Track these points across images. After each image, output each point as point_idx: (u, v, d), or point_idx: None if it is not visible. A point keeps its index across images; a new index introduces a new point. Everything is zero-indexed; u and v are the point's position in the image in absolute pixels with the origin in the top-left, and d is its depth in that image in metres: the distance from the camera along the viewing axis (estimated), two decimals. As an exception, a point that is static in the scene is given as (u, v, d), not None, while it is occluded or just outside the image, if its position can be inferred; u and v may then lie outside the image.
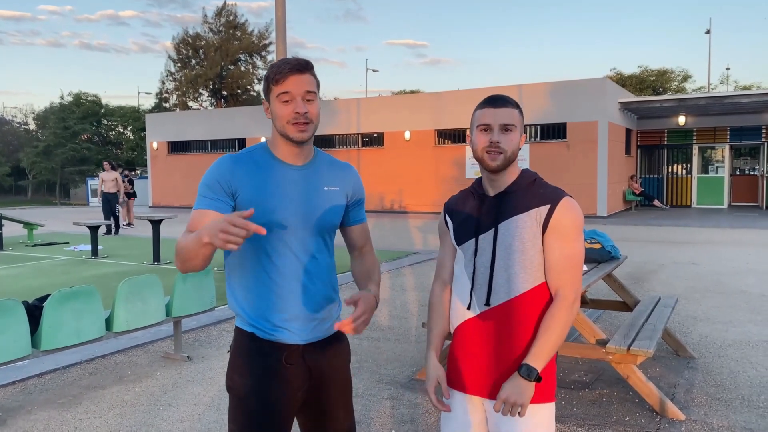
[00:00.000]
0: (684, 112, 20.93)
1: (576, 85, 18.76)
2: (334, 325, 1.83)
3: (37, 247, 12.78)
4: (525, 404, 1.80)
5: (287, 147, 1.87)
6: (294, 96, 1.80)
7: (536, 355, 1.81)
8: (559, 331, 1.83)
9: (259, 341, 1.86)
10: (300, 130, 1.81)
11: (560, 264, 1.86)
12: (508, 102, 1.92)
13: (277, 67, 1.81)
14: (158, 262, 10.28)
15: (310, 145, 1.92)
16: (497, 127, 1.89)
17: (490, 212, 1.92)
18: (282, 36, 6.51)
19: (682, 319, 6.11)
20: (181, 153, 26.56)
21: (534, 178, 1.96)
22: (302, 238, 1.87)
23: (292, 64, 1.81)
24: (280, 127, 1.84)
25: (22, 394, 4.30)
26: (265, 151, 1.89)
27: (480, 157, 1.92)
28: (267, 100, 1.86)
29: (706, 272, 8.85)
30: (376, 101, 23.27)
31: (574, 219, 1.88)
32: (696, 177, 22.03)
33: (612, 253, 4.96)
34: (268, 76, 1.83)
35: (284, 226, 1.84)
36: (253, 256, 1.86)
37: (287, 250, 1.85)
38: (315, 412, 1.96)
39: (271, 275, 1.85)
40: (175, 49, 43.25)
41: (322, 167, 1.96)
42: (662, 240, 12.83)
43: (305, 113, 1.80)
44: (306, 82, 1.81)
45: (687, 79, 42.68)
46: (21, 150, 45.48)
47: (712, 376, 4.44)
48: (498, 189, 1.94)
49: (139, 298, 4.50)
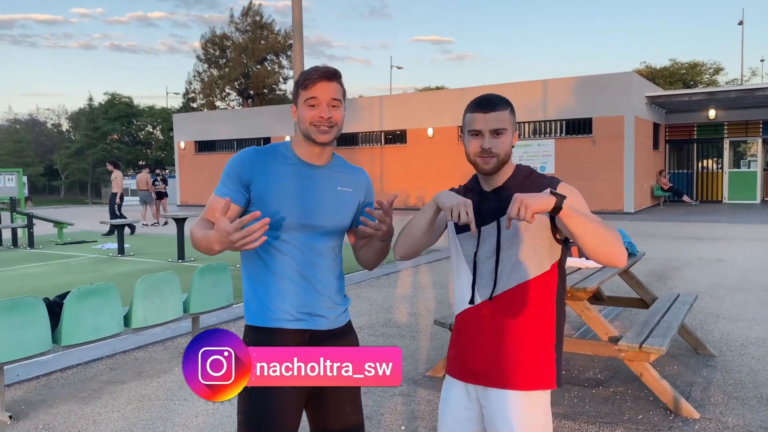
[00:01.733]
0: (714, 106, 20.49)
1: (602, 79, 18.51)
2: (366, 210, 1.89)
3: (67, 246, 13.09)
4: (531, 207, 1.62)
5: (309, 147, 1.97)
6: (320, 101, 1.90)
7: (570, 204, 1.67)
8: (599, 226, 1.68)
9: (266, 333, 1.93)
10: (323, 132, 1.91)
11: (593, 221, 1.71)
12: (498, 104, 1.90)
13: (307, 74, 1.92)
14: (183, 260, 10.44)
15: (330, 150, 2.03)
16: (488, 133, 1.89)
17: (490, 205, 1.93)
18: (299, 36, 6.56)
19: (704, 317, 6.01)
20: (208, 152, 26.91)
21: (529, 171, 1.98)
22: (312, 234, 1.95)
23: (321, 71, 1.91)
24: (304, 129, 1.94)
25: (45, 388, 4.42)
26: (287, 149, 2.00)
27: (473, 161, 1.95)
28: (295, 104, 1.98)
29: (732, 269, 8.67)
30: (399, 98, 23.27)
31: (577, 195, 1.85)
32: (727, 172, 21.56)
33: (629, 249, 4.89)
34: (298, 82, 1.95)
35: (295, 223, 1.92)
36: (263, 252, 1.94)
37: (297, 246, 1.93)
38: (322, 406, 2.00)
39: (281, 270, 1.93)
40: (203, 49, 43.83)
41: (337, 169, 2.05)
42: (689, 236, 12.60)
43: (329, 118, 1.90)
44: (333, 90, 1.92)
45: (719, 72, 41.74)
46: (54, 151, 46.57)
47: (731, 375, 4.37)
48: (495, 185, 1.96)
49: (156, 295, 4.59)
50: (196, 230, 1.86)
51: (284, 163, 1.96)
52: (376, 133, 22.68)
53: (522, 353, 1.88)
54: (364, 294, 7.48)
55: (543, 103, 19.19)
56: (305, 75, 1.92)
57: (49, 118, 53.28)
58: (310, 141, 1.94)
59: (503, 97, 1.95)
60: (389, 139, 22.55)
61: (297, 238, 1.93)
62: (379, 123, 22.47)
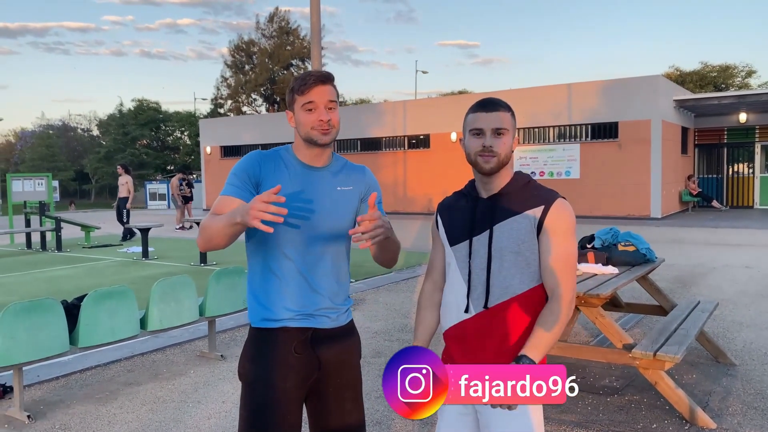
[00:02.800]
0: (745, 109, 20.06)
1: (628, 83, 18.26)
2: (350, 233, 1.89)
3: (93, 249, 13.34)
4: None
5: (309, 150, 2.00)
6: (318, 105, 1.94)
7: (534, 347, 1.79)
8: (555, 326, 1.82)
9: (269, 332, 1.97)
10: (323, 133, 1.95)
11: (555, 264, 1.86)
12: (500, 106, 1.93)
13: (301, 79, 1.96)
14: (205, 264, 10.56)
15: (329, 150, 2.05)
16: (489, 132, 1.90)
17: (484, 214, 1.93)
18: (317, 41, 6.59)
19: (727, 325, 5.87)
20: (234, 157, 27.19)
21: (527, 180, 1.97)
22: (312, 236, 1.97)
23: (315, 76, 1.95)
24: (305, 133, 1.97)
25: (64, 389, 4.50)
26: (289, 153, 2.04)
27: (473, 160, 1.94)
28: (291, 110, 2.00)
29: (760, 276, 8.47)
30: (423, 103, 23.25)
31: (568, 220, 1.88)
32: (759, 177, 21.07)
33: (647, 255, 4.81)
34: (293, 88, 1.98)
35: (299, 224, 1.95)
36: (266, 252, 1.97)
37: (297, 248, 1.96)
38: (322, 403, 2.03)
39: (284, 270, 1.96)
40: (231, 55, 44.38)
41: (338, 170, 2.07)
42: (717, 242, 12.34)
43: (328, 120, 1.94)
44: (328, 93, 1.95)
45: (751, 75, 40.88)
46: (85, 156, 47.53)
47: (751, 384, 4.26)
48: (491, 191, 1.96)
49: (172, 298, 4.65)
50: (209, 219, 1.89)
51: (287, 166, 1.99)
52: (399, 137, 22.68)
53: None
54: (382, 299, 7.47)
55: (568, 107, 18.99)
56: (301, 81, 1.95)
57: (80, 124, 54.42)
58: (311, 144, 1.97)
59: (504, 101, 1.96)
60: (413, 144, 22.54)
61: (298, 239, 1.96)
62: (402, 128, 22.48)
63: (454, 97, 24.61)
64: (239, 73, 44.30)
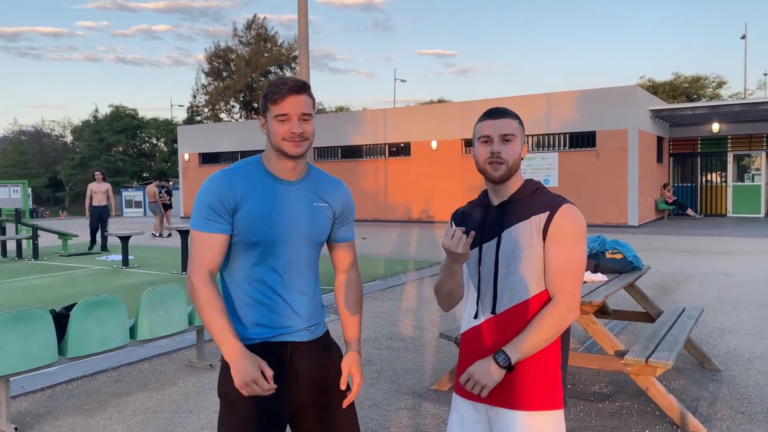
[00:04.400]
0: (718, 119, 20.52)
1: (605, 92, 18.56)
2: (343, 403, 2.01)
3: (71, 257, 13.12)
4: (488, 387, 1.83)
5: (281, 162, 1.93)
6: (291, 117, 1.86)
7: (515, 345, 1.84)
8: (546, 331, 1.85)
9: (252, 348, 1.92)
10: (295, 145, 1.88)
11: (559, 270, 1.88)
12: (507, 113, 1.96)
13: (275, 87, 1.87)
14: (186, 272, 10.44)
15: (303, 161, 1.98)
16: (497, 138, 1.92)
17: (493, 221, 1.96)
18: (305, 49, 6.61)
19: (710, 331, 5.99)
20: (212, 164, 27.00)
21: (537, 187, 1.98)
22: (291, 252, 1.93)
23: (289, 85, 1.87)
24: (276, 144, 1.89)
25: (51, 400, 4.42)
26: (259, 166, 1.95)
27: (483, 168, 1.96)
28: (264, 117, 1.93)
29: (737, 283, 8.65)
30: (403, 111, 23.35)
31: (574, 225, 1.88)
32: (731, 185, 21.54)
33: (634, 263, 4.89)
34: (266, 95, 1.89)
35: (273, 242, 1.90)
36: (241, 271, 1.92)
37: (276, 263, 1.92)
38: (313, 416, 1.99)
39: (260, 287, 1.91)
40: (208, 61, 44.12)
41: (313, 183, 2.01)
42: (694, 250, 12.58)
43: (301, 133, 1.87)
44: (302, 104, 1.87)
45: (722, 86, 41.89)
46: (59, 162, 46.77)
47: (737, 389, 4.35)
48: (501, 198, 1.98)
49: (162, 307, 4.60)
50: (203, 303, 1.84)
51: (258, 183, 1.91)
52: (380, 145, 22.74)
53: (529, 373, 1.89)
54: (369, 307, 7.47)
55: (547, 116, 19.24)
56: (273, 89, 1.87)
57: (54, 130, 53.59)
58: (283, 155, 1.90)
59: (512, 110, 1.99)
60: (393, 152, 22.61)
61: (275, 256, 1.91)
62: (383, 136, 22.54)
63: (434, 105, 24.75)
64: (217, 80, 44.07)
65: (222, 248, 1.88)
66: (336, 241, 2.10)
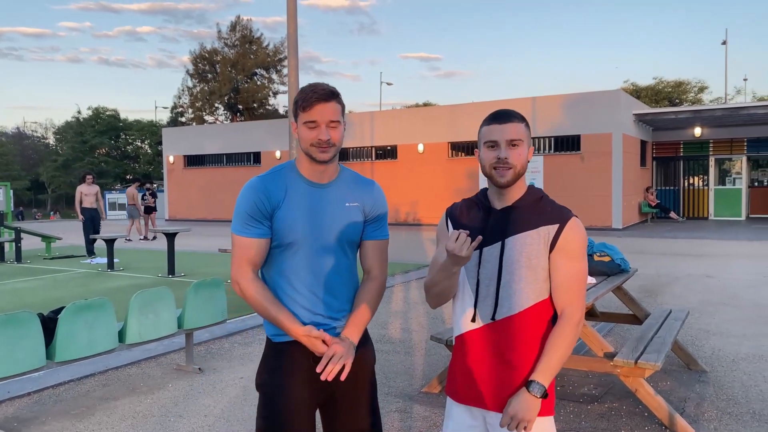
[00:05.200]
0: (700, 124, 20.79)
1: (590, 97, 18.74)
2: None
3: (55, 260, 12.97)
4: (532, 420, 1.83)
5: (312, 166, 2.02)
6: (319, 124, 1.95)
7: (544, 371, 1.85)
8: (565, 348, 1.87)
9: (287, 345, 2.02)
10: (322, 151, 1.97)
11: (567, 283, 1.89)
12: (514, 117, 1.93)
13: (305, 95, 1.96)
14: (173, 275, 10.38)
15: (334, 164, 2.06)
16: (504, 143, 1.89)
17: (496, 226, 1.93)
18: (294, 51, 6.61)
19: (694, 333, 6.06)
20: (197, 167, 26.85)
21: (540, 195, 1.97)
22: (325, 252, 2.02)
23: (318, 93, 1.94)
24: (305, 149, 2.00)
25: (37, 405, 4.37)
26: (292, 170, 2.04)
27: (489, 173, 1.93)
28: (295, 121, 2.02)
29: (721, 285, 8.76)
30: (390, 114, 23.39)
31: (581, 239, 1.90)
32: (713, 189, 21.83)
33: (621, 266, 4.95)
34: (297, 102, 1.99)
35: (308, 243, 1.99)
36: (280, 271, 2.02)
37: (311, 263, 2.00)
38: (337, 409, 2.07)
39: (296, 287, 2.01)
40: (192, 63, 43.86)
41: (345, 184, 2.09)
42: (677, 252, 12.72)
43: (328, 140, 1.95)
44: (331, 111, 1.95)
45: (703, 91, 42.44)
46: (41, 164, 46.23)
47: (723, 390, 4.41)
48: (505, 203, 1.95)
49: (151, 311, 4.57)
50: (258, 300, 1.97)
51: (291, 187, 2.01)
52: (366, 148, 22.76)
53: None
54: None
55: (532, 120, 19.37)
56: (303, 96, 1.96)
57: (36, 132, 52.94)
58: (312, 160, 2.00)
59: (518, 112, 1.97)
60: (380, 155, 22.64)
61: (311, 257, 2.00)
62: (370, 138, 22.56)
63: (420, 108, 24.82)
64: (202, 82, 43.82)
65: (262, 250, 2.00)
66: (366, 239, 2.13)
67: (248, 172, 25.03)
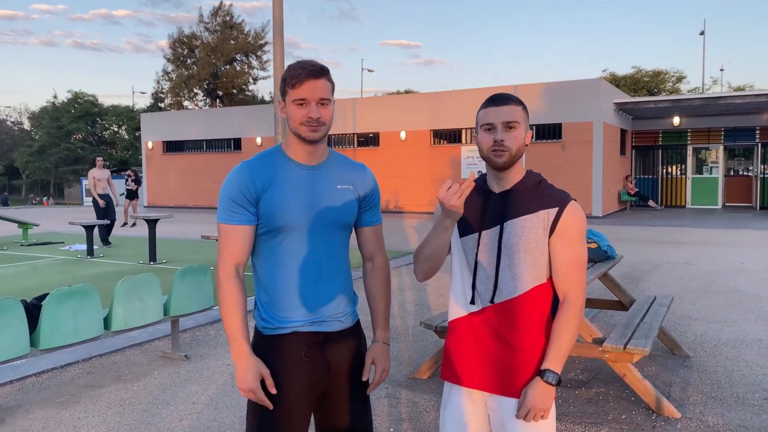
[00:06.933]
0: (678, 113, 21.03)
1: (571, 85, 18.83)
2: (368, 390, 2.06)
3: (33, 247, 12.75)
4: (549, 408, 1.86)
5: (300, 147, 1.93)
6: (309, 101, 1.86)
7: (555, 358, 1.86)
8: (572, 334, 1.89)
9: (279, 338, 1.92)
10: (312, 130, 1.88)
11: (568, 267, 1.89)
12: (511, 99, 1.92)
13: (294, 71, 1.87)
14: (154, 262, 10.26)
15: (323, 146, 1.98)
16: (500, 126, 1.89)
17: (495, 209, 1.93)
18: (279, 35, 6.53)
19: (677, 319, 6.15)
20: (177, 153, 26.53)
21: (539, 179, 1.96)
22: (317, 237, 1.93)
23: (308, 69, 1.86)
24: (294, 128, 1.91)
25: (21, 393, 4.30)
26: (279, 154, 1.95)
27: (486, 156, 1.92)
28: (283, 101, 1.93)
29: (700, 272, 8.90)
30: (372, 101, 23.29)
31: (580, 223, 1.90)
32: (690, 177, 22.14)
33: (608, 252, 4.99)
34: (285, 79, 1.90)
35: (299, 227, 1.90)
36: (270, 257, 1.93)
37: (303, 249, 1.92)
38: (330, 405, 2.00)
39: (288, 274, 1.92)
40: (171, 48, 43.19)
41: (336, 167, 2.01)
42: (657, 240, 12.89)
43: (318, 118, 1.87)
44: (321, 88, 1.87)
45: (681, 80, 42.89)
46: (15, 149, 45.33)
47: (707, 375, 4.48)
48: (503, 187, 1.95)
49: (137, 297, 4.51)
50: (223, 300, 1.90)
51: (280, 170, 1.92)
52: (348, 135, 22.66)
53: (527, 362, 1.90)
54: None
55: (514, 108, 19.41)
56: (293, 73, 1.87)
57: (10, 116, 51.84)
58: (301, 139, 1.91)
59: (515, 95, 1.96)
60: (362, 142, 22.56)
61: (302, 242, 1.92)
62: (352, 125, 22.46)
63: (403, 96, 24.75)
64: (181, 68, 43.19)
65: (248, 239, 1.90)
66: (361, 225, 2.09)
67: (228, 158, 24.80)
